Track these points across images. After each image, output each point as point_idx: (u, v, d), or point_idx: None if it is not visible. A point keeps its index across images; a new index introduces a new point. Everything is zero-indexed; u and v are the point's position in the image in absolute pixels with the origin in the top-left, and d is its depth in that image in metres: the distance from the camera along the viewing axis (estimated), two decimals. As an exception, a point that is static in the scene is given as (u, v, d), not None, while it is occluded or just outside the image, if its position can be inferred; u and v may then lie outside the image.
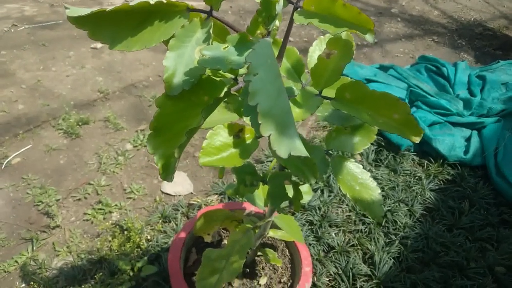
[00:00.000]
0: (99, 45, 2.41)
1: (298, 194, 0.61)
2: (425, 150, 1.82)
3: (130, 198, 1.48)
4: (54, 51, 2.32)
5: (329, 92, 0.48)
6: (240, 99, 0.53)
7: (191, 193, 1.53)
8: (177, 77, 0.38)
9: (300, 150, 0.31)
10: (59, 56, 2.28)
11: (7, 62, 2.17)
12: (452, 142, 1.76)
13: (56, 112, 1.84)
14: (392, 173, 1.70)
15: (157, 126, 0.39)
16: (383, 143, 1.83)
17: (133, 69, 2.25)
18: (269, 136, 0.31)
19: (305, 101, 0.45)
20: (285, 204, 0.64)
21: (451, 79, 2.22)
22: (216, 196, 1.52)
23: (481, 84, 2.18)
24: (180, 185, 1.55)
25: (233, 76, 0.42)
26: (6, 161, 1.56)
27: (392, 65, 2.28)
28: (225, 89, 0.40)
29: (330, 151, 0.54)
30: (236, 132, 0.54)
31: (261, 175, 0.62)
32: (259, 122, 0.30)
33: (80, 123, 1.78)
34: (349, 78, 0.52)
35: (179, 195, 1.51)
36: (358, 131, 0.62)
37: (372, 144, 1.90)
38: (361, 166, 0.61)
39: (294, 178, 0.61)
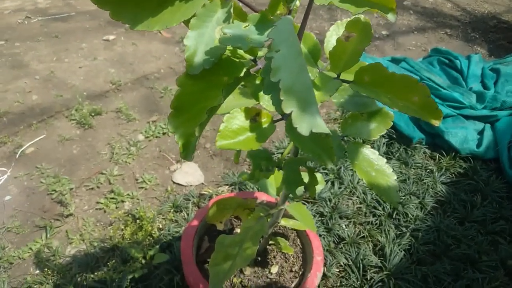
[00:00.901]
0: (111, 37, 2.42)
1: (313, 179, 0.61)
2: (437, 143, 1.80)
3: (142, 188, 1.49)
4: (67, 43, 2.34)
5: (347, 75, 0.48)
6: (257, 82, 0.53)
7: (202, 183, 1.54)
8: (198, 56, 0.38)
9: (321, 127, 0.31)
10: (72, 48, 2.29)
11: (21, 54, 2.19)
12: (465, 135, 1.74)
13: (69, 102, 1.86)
14: (404, 165, 1.69)
15: (177, 105, 0.39)
16: (394, 136, 1.82)
17: (145, 61, 2.26)
18: (290, 114, 0.31)
19: (324, 84, 0.45)
20: (299, 191, 0.64)
21: (464, 72, 2.19)
22: (227, 186, 1.53)
23: (495, 77, 2.15)
24: (191, 175, 1.56)
25: (252, 57, 0.42)
26: (20, 150, 1.58)
27: (404, 57, 2.26)
28: (245, 70, 0.40)
29: (345, 138, 0.53)
30: (253, 116, 0.54)
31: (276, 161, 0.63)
32: (281, 98, 0.30)
33: (92, 114, 1.80)
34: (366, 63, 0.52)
35: (190, 186, 1.52)
36: (374, 117, 0.62)
37: (383, 136, 1.89)
38: (377, 152, 0.60)
39: (309, 164, 0.61)
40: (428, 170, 1.68)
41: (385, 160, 0.60)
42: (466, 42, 2.88)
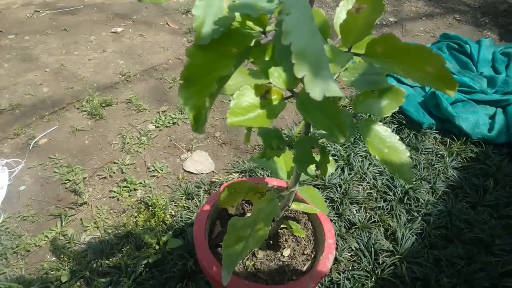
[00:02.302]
0: (119, 29, 2.43)
1: (325, 158, 0.61)
2: (447, 128, 1.79)
3: (154, 176, 1.50)
4: (76, 36, 2.35)
5: (359, 49, 0.48)
6: (266, 59, 0.53)
7: (213, 171, 1.55)
8: (207, 26, 0.38)
9: (335, 91, 0.31)
10: (81, 41, 2.31)
11: (31, 47, 2.21)
12: (476, 120, 1.72)
13: (79, 94, 1.88)
14: (414, 151, 1.68)
15: (187, 76, 0.39)
16: (404, 122, 1.81)
17: (153, 52, 2.26)
18: (302, 78, 0.32)
19: (335, 56, 0.45)
20: (311, 170, 0.64)
21: (474, 56, 2.16)
22: (237, 174, 1.54)
23: (506, 61, 2.12)
24: (202, 163, 1.57)
25: (261, 29, 0.42)
26: (34, 141, 1.61)
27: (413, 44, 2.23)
28: (254, 40, 0.41)
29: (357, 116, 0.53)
30: (263, 93, 0.54)
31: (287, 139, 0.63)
32: (293, 61, 0.30)
33: (103, 105, 1.81)
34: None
35: (201, 173, 1.53)
36: (385, 94, 0.62)
37: (393, 122, 1.88)
38: (389, 130, 0.60)
39: (320, 142, 0.61)
40: (438, 156, 1.67)
41: (398, 137, 0.60)
42: (476, 27, 2.84)
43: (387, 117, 1.82)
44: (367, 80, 0.62)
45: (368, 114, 1.50)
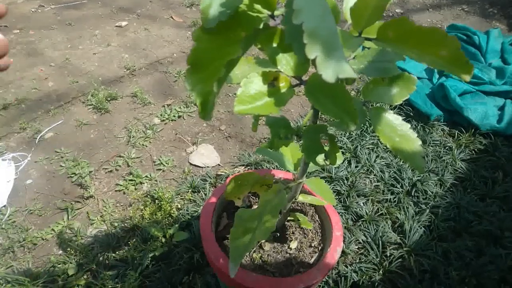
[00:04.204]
0: (123, 23, 2.42)
1: (334, 147, 0.60)
2: (456, 120, 1.76)
3: (160, 169, 1.50)
4: (81, 30, 2.35)
5: (370, 33, 0.47)
6: (274, 45, 0.52)
7: (218, 164, 1.55)
8: (213, 8, 0.37)
9: (348, 72, 0.30)
10: (85, 35, 2.31)
11: (35, 42, 2.21)
12: (485, 111, 1.70)
13: (85, 88, 1.88)
14: (422, 143, 1.66)
15: (194, 61, 0.38)
16: (411, 114, 1.79)
17: (158, 46, 2.25)
18: (314, 59, 0.30)
19: (346, 41, 0.44)
20: (320, 159, 0.63)
21: (483, 47, 2.13)
22: (243, 167, 1.53)
23: (516, 52, 2.09)
24: (208, 157, 1.57)
25: (269, 12, 0.41)
26: (40, 135, 1.61)
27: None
28: (263, 23, 0.39)
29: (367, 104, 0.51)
30: (271, 80, 0.53)
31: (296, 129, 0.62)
32: (305, 41, 0.29)
33: (108, 99, 1.81)
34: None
35: (207, 167, 1.52)
36: (396, 82, 0.60)
37: (400, 114, 1.87)
38: (400, 118, 0.59)
39: (330, 131, 0.60)
40: (447, 148, 1.65)
41: (409, 125, 0.58)
42: (484, 18, 2.79)
43: (394, 108, 1.80)
44: (377, 68, 0.60)
45: (378, 103, 1.49)
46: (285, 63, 0.54)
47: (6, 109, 1.73)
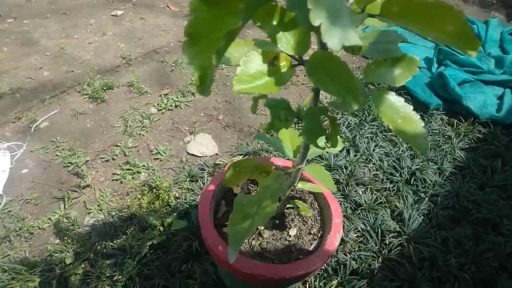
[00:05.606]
0: (119, 12, 2.39)
1: (335, 129, 0.59)
2: (455, 109, 1.76)
3: (157, 159, 1.49)
4: (76, 19, 2.32)
5: (373, 10, 0.45)
6: (274, 23, 0.51)
7: (216, 154, 1.53)
8: (212, -24, 0.36)
9: (354, 40, 0.29)
10: (80, 24, 2.27)
11: (30, 31, 2.18)
12: (484, 100, 1.69)
13: (80, 78, 1.85)
14: (421, 132, 1.65)
15: (192, 32, 0.37)
16: (410, 103, 1.77)
17: (154, 35, 2.23)
18: (319, 27, 0.29)
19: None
20: (321, 141, 0.62)
21: (482, 37, 2.12)
22: (241, 156, 1.52)
23: (515, 41, 2.08)
24: (205, 146, 1.55)
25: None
26: (35, 125, 1.59)
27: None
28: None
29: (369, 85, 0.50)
30: (271, 59, 0.52)
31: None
32: (309, 7, 0.28)
33: (104, 88, 1.79)
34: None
35: (205, 156, 1.51)
36: (398, 63, 0.59)
37: (399, 103, 1.84)
38: (402, 99, 0.58)
39: (330, 112, 0.59)
40: (446, 137, 1.64)
41: (412, 107, 0.58)
42: (483, 8, 2.78)
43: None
44: (379, 49, 0.59)
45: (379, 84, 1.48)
46: (286, 41, 0.53)
47: (1, 99, 1.71)
